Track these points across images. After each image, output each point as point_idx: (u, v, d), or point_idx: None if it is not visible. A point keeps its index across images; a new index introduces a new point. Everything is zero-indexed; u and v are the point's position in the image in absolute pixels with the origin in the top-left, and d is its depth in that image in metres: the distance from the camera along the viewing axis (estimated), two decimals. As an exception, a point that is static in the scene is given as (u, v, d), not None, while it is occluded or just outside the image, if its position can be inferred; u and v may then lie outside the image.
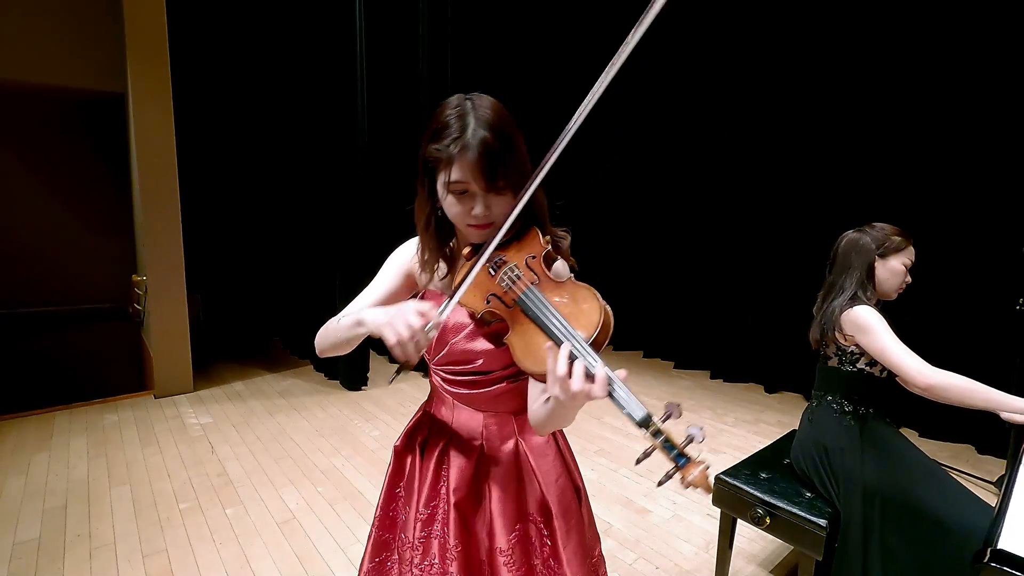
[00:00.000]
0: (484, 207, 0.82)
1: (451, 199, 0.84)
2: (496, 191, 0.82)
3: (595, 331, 0.73)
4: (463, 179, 0.80)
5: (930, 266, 3.25)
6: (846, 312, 1.59)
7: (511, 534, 0.94)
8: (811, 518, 1.60)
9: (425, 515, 0.97)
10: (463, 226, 0.87)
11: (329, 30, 4.05)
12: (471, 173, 0.80)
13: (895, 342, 1.51)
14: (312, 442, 3.17)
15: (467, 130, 0.80)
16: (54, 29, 4.07)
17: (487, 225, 0.85)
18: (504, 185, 0.82)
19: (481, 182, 0.80)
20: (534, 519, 0.96)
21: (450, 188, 0.82)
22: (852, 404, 1.67)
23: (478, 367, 0.93)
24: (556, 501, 0.96)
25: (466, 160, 0.79)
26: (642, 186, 5.07)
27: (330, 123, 4.09)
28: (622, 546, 2.23)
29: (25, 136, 5.15)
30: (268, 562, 2.09)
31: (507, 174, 0.81)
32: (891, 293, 1.66)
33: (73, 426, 3.33)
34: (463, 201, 0.83)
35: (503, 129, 0.82)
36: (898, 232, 1.63)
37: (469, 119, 0.81)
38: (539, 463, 0.98)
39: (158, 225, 3.76)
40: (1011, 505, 1.15)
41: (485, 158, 0.79)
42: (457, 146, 0.79)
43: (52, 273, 5.39)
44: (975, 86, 3.09)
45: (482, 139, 0.79)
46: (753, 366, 4.35)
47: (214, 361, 4.64)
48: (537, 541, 0.96)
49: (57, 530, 2.28)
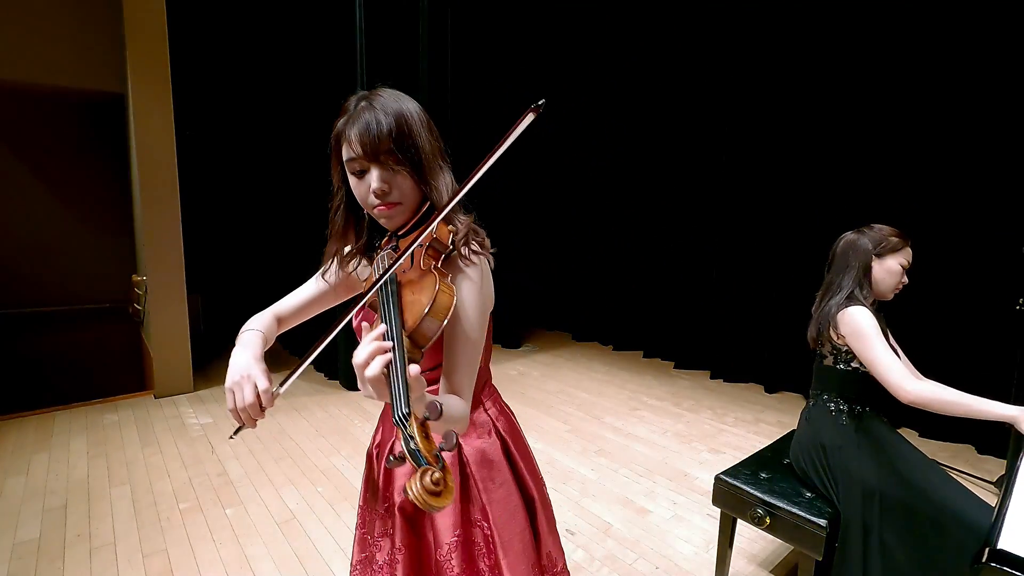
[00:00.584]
0: (380, 181, 0.82)
1: (353, 180, 0.86)
2: (382, 164, 0.82)
3: (413, 324, 0.72)
4: (354, 153, 0.82)
5: (930, 266, 3.25)
6: (842, 312, 1.60)
7: (451, 536, 0.94)
8: (811, 518, 1.60)
9: (380, 512, 1.01)
10: (371, 211, 0.88)
11: (329, 30, 4.05)
12: (358, 144, 0.81)
13: (884, 352, 1.51)
14: (312, 442, 3.17)
15: (359, 107, 0.83)
16: (54, 29, 4.08)
17: (391, 204, 0.84)
18: (396, 160, 0.82)
19: (368, 148, 0.81)
20: (479, 524, 0.96)
21: (348, 168, 0.85)
22: (848, 403, 1.68)
23: None
24: (498, 507, 0.96)
25: (354, 132, 0.81)
26: (642, 186, 5.07)
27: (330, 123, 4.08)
28: (622, 546, 2.23)
29: (25, 136, 5.15)
30: (268, 562, 2.09)
31: (401, 148, 0.81)
32: (887, 293, 1.66)
33: (73, 426, 3.33)
34: (361, 181, 0.84)
35: (397, 107, 0.83)
36: (895, 233, 1.64)
37: (363, 103, 0.84)
38: (481, 470, 0.97)
39: (158, 225, 3.76)
40: (1011, 505, 1.15)
41: (371, 128, 0.80)
42: (349, 118, 0.83)
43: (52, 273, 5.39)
44: (975, 86, 3.09)
45: (371, 115, 0.81)
46: (753, 366, 4.35)
47: (214, 361, 4.64)
48: (483, 544, 0.95)
49: (57, 530, 2.28)
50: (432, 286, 0.74)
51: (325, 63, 4.10)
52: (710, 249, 4.59)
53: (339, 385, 4.20)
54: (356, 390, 4.10)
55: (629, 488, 2.72)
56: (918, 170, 3.35)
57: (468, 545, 0.95)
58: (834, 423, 1.68)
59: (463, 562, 0.94)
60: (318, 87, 4.18)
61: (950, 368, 3.12)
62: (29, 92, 4.59)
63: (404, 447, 0.61)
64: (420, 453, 0.59)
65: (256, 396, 0.80)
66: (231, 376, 0.82)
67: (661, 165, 4.90)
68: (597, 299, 5.68)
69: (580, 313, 5.91)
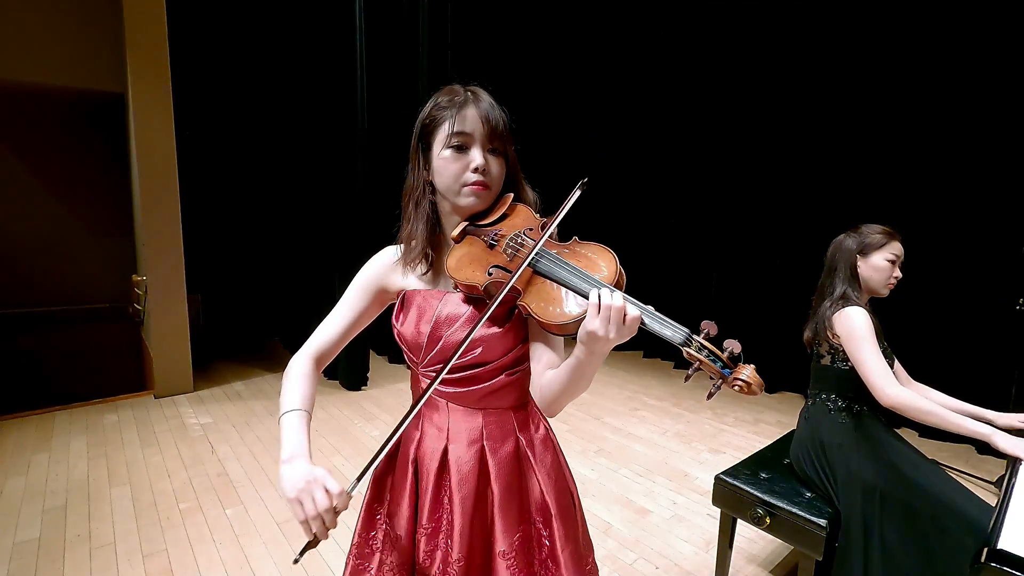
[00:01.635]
0: (483, 159, 0.86)
1: (449, 155, 0.87)
2: (493, 150, 0.88)
3: (615, 276, 0.76)
4: (465, 129, 0.86)
5: (930, 266, 3.26)
6: (838, 313, 1.61)
7: (514, 536, 0.91)
8: (811, 518, 1.60)
9: (429, 529, 0.93)
10: (458, 189, 0.88)
11: (329, 29, 4.05)
12: (474, 121, 0.86)
13: (872, 354, 1.53)
14: (312, 442, 3.16)
15: (470, 93, 0.89)
16: (54, 29, 4.08)
17: (484, 186, 0.88)
18: (500, 147, 0.89)
19: (485, 129, 0.86)
20: (534, 520, 0.94)
21: (450, 143, 0.86)
22: (846, 401, 1.68)
23: (476, 357, 0.89)
24: (555, 501, 0.93)
25: (470, 111, 0.86)
26: (642, 185, 5.08)
27: (330, 123, 4.09)
28: (622, 546, 2.23)
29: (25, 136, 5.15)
30: (268, 562, 2.09)
31: (504, 137, 0.88)
32: (880, 289, 1.66)
33: (73, 426, 3.33)
34: (460, 157, 0.87)
35: (500, 107, 0.90)
36: (881, 230, 1.65)
37: (470, 93, 0.89)
38: (540, 461, 0.95)
39: (158, 225, 3.76)
40: (1011, 505, 1.15)
41: (489, 112, 0.87)
42: (462, 101, 0.87)
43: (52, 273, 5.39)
44: (975, 85, 3.09)
45: (486, 100, 0.89)
46: (753, 366, 4.34)
47: (214, 361, 4.64)
48: (536, 543, 0.93)
49: (57, 530, 2.27)
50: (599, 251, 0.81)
51: (325, 63, 4.10)
52: (710, 249, 4.59)
53: (339, 385, 4.20)
54: (357, 390, 4.10)
55: (629, 488, 2.72)
56: (918, 170, 3.35)
57: (527, 542, 0.93)
58: (833, 422, 1.69)
59: (523, 559, 0.91)
60: (318, 87, 4.18)
61: (950, 368, 3.12)
62: (29, 92, 4.59)
63: (700, 357, 0.69)
64: (719, 358, 0.69)
65: (328, 499, 0.73)
66: (293, 484, 0.76)
67: (661, 164, 4.90)
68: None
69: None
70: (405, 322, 0.93)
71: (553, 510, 0.93)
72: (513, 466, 0.94)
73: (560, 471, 0.99)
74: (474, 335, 0.84)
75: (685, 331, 0.71)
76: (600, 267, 0.79)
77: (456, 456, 0.92)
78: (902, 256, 1.65)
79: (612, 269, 0.77)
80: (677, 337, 0.71)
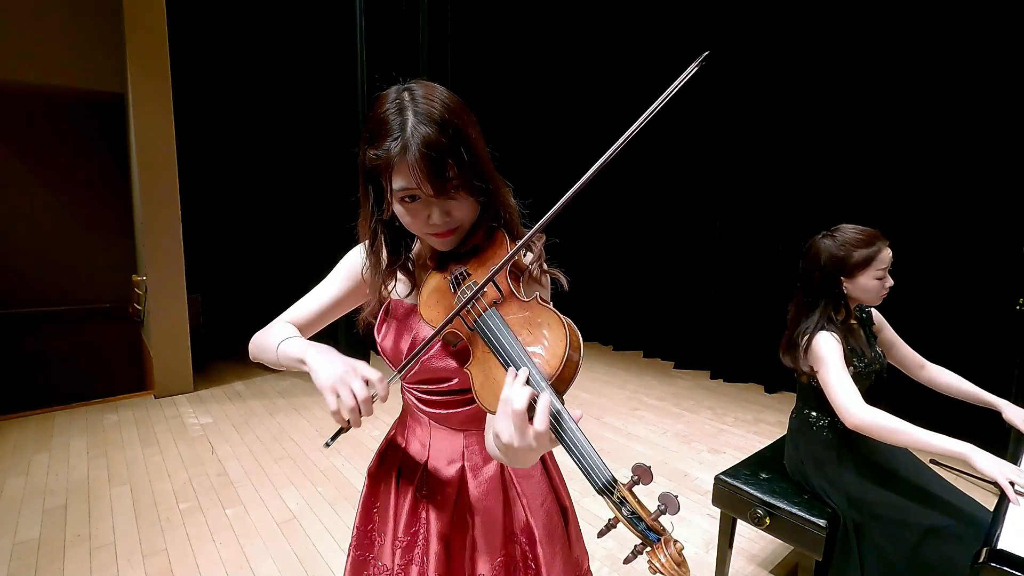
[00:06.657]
0: (442, 212, 0.73)
1: (401, 209, 0.74)
2: (448, 194, 0.71)
3: (557, 365, 0.60)
4: (408, 185, 0.70)
5: (930, 266, 3.26)
6: (811, 343, 1.56)
7: (496, 559, 0.89)
8: (811, 518, 1.60)
9: (405, 541, 0.90)
10: (423, 236, 0.79)
11: (329, 30, 4.05)
12: (416, 177, 0.68)
13: (838, 378, 1.47)
14: (312, 442, 3.17)
15: (407, 127, 0.69)
16: (54, 29, 4.08)
17: (450, 231, 0.76)
18: (458, 184, 0.71)
19: (428, 187, 0.69)
20: (519, 540, 0.92)
21: (396, 197, 0.73)
22: (829, 417, 1.64)
23: (452, 385, 0.85)
24: (541, 526, 0.91)
25: (409, 163, 0.68)
26: (642, 186, 5.07)
27: (330, 123, 4.09)
28: (622, 546, 2.23)
29: (25, 136, 5.15)
30: (268, 562, 2.09)
31: (461, 173, 0.71)
32: (874, 301, 1.60)
33: (73, 426, 3.33)
34: (416, 210, 0.73)
35: (450, 120, 0.70)
36: (863, 239, 1.52)
37: (408, 114, 0.70)
38: (524, 486, 0.92)
39: (158, 225, 3.76)
40: (1010, 505, 1.15)
41: (430, 158, 0.68)
42: (397, 147, 0.68)
43: (52, 273, 5.38)
44: (974, 85, 3.09)
45: (424, 136, 0.68)
46: (753, 366, 4.35)
47: (214, 361, 4.64)
48: (522, 562, 0.91)
49: (57, 530, 2.28)
50: (553, 324, 0.63)
51: (325, 63, 4.10)
52: (710, 249, 4.59)
53: (339, 385, 4.19)
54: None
55: (629, 488, 2.72)
56: (918, 170, 3.35)
57: (510, 564, 0.90)
58: (816, 437, 1.67)
59: None
60: (318, 87, 4.18)
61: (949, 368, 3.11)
62: (29, 92, 4.58)
63: (618, 514, 0.55)
64: (642, 520, 0.54)
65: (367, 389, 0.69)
66: (330, 373, 0.70)
67: (661, 165, 4.90)
68: (597, 299, 5.68)
69: (580, 313, 5.91)
70: (386, 336, 0.89)
71: (538, 534, 0.90)
72: (495, 490, 0.91)
73: (549, 490, 0.95)
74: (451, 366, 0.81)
75: (607, 476, 0.56)
76: (542, 345, 0.62)
77: (434, 475, 0.91)
78: (890, 261, 1.55)
79: (556, 353, 0.60)
80: (596, 482, 0.56)
